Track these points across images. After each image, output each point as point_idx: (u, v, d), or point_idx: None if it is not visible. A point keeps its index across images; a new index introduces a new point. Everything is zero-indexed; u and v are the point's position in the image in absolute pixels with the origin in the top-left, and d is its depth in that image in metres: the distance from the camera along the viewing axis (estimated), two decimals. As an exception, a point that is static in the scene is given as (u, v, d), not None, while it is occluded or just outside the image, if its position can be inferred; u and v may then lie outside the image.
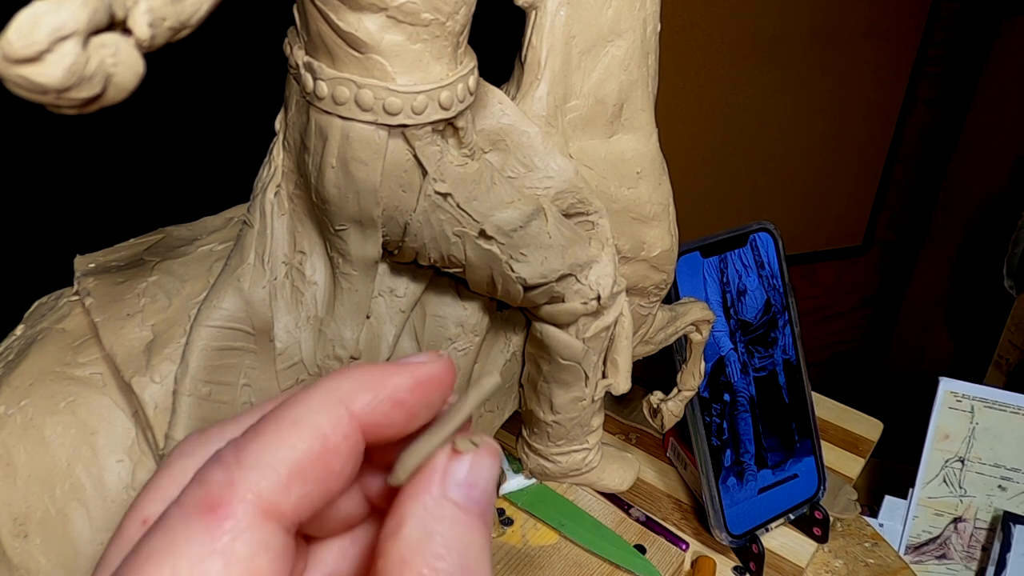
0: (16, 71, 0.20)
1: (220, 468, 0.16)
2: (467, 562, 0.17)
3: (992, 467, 0.86)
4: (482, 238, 0.39)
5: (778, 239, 0.68)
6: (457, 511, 0.18)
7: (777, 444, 0.69)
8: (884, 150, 1.42)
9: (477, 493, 0.18)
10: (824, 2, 1.24)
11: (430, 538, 0.17)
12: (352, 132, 0.36)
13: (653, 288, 0.51)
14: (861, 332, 1.62)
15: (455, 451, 0.18)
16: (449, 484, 0.18)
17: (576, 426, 0.48)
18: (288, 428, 0.17)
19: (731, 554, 0.68)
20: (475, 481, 0.18)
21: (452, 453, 0.18)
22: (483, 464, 0.18)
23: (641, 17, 0.44)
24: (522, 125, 0.42)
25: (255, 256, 0.41)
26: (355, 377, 0.18)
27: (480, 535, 0.18)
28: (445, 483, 0.18)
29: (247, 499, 0.16)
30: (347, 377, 0.18)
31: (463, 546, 0.17)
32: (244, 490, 0.16)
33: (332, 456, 0.17)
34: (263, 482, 0.16)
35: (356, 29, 0.33)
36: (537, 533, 0.68)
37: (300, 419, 0.17)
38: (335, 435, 0.17)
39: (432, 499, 0.18)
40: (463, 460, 0.18)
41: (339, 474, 0.17)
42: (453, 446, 0.18)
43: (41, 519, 0.38)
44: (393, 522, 0.17)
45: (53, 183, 0.72)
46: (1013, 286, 1.21)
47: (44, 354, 0.40)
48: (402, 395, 0.18)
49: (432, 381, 0.19)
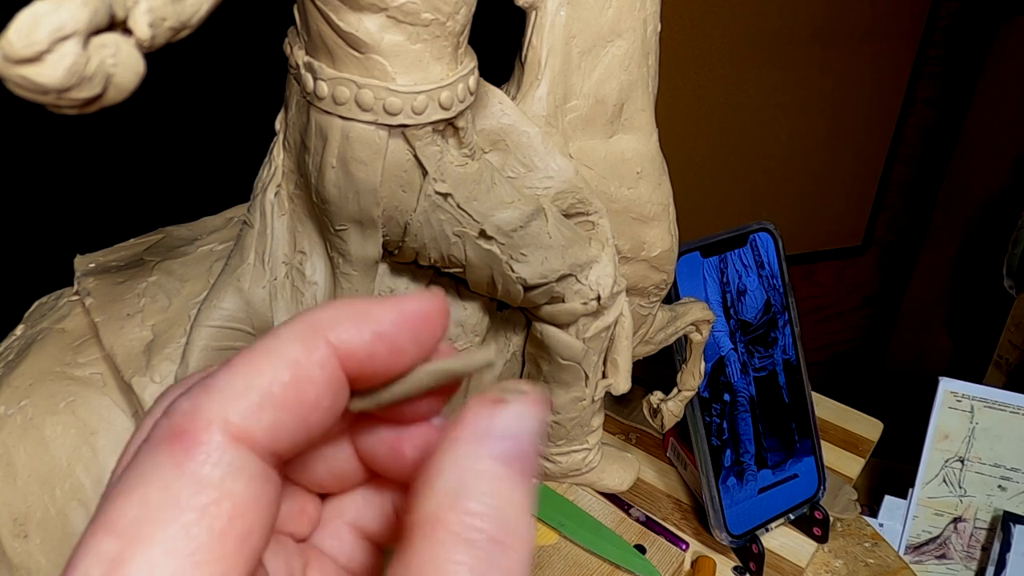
0: (16, 71, 0.20)
1: (186, 398, 0.16)
2: (506, 521, 0.16)
3: (992, 467, 0.86)
4: (482, 238, 0.39)
5: (778, 239, 0.68)
6: (497, 465, 0.16)
7: (777, 444, 0.69)
8: (884, 150, 1.42)
9: (519, 447, 0.16)
10: (824, 2, 1.24)
11: (466, 494, 0.16)
12: (352, 132, 0.36)
13: (653, 288, 0.51)
14: (861, 332, 1.62)
15: (498, 399, 0.17)
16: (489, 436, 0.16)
17: (576, 426, 0.48)
18: (259, 356, 0.16)
19: (731, 554, 0.68)
20: (518, 434, 0.16)
21: (495, 401, 0.17)
22: (527, 415, 0.17)
23: (641, 17, 0.44)
24: (522, 125, 0.42)
25: (255, 256, 0.41)
26: (335, 307, 0.17)
27: (520, 492, 0.16)
28: (485, 434, 0.16)
29: (213, 424, 0.15)
30: (327, 307, 0.17)
31: (501, 503, 0.16)
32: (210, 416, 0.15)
33: (305, 383, 0.16)
34: (230, 407, 0.15)
35: (356, 29, 0.33)
36: (537, 533, 0.68)
37: (271, 347, 0.16)
38: (309, 362, 0.16)
39: (470, 451, 0.16)
40: (506, 409, 0.17)
41: (315, 404, 0.16)
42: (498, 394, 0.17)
43: (41, 519, 0.38)
44: (427, 472, 0.16)
45: (53, 183, 0.72)
46: (1013, 286, 1.21)
47: (44, 354, 0.40)
48: (385, 327, 0.17)
49: (419, 315, 0.18)
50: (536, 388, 0.17)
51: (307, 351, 0.16)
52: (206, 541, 0.14)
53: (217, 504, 0.15)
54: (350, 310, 0.17)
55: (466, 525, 0.15)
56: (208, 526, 0.15)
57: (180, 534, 0.14)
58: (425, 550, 0.15)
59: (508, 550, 0.15)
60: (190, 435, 0.15)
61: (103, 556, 0.14)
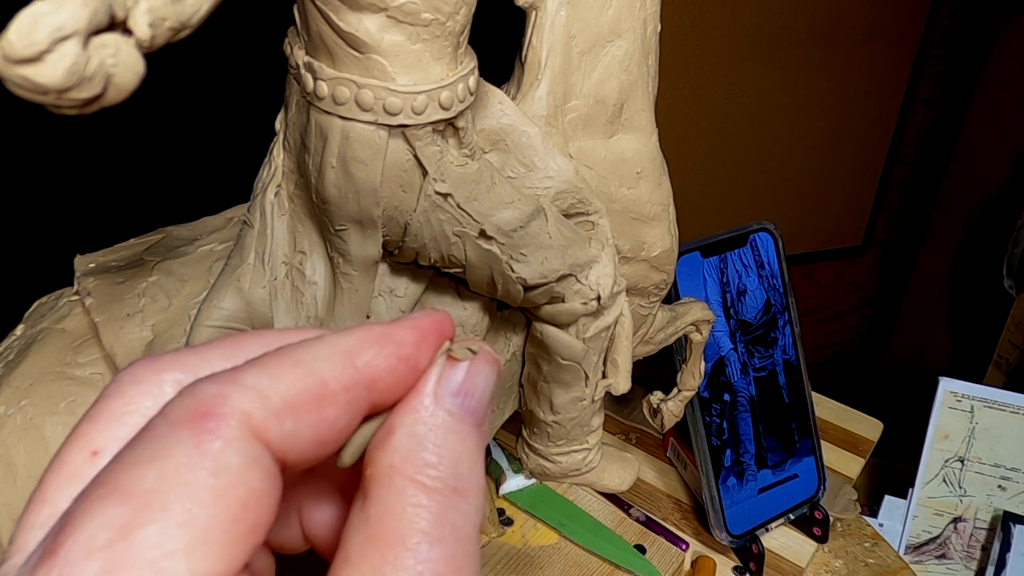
0: (16, 71, 0.20)
1: (212, 384, 0.16)
2: (459, 471, 0.16)
3: (992, 467, 0.86)
4: (482, 238, 0.39)
5: (778, 239, 0.68)
6: (451, 419, 0.17)
7: (777, 444, 0.69)
8: (884, 150, 1.42)
9: (472, 402, 0.17)
10: (824, 2, 1.24)
11: (421, 446, 0.16)
12: (352, 132, 0.36)
13: (653, 288, 0.51)
14: (861, 332, 1.62)
15: (451, 358, 0.18)
16: (443, 392, 0.17)
17: (576, 426, 0.48)
18: (290, 365, 0.16)
19: (731, 554, 0.68)
20: (470, 389, 0.18)
21: (448, 360, 0.18)
22: (480, 371, 0.18)
23: (641, 17, 0.44)
24: (522, 125, 0.42)
25: (255, 256, 0.41)
26: (359, 333, 0.18)
27: (474, 444, 0.17)
28: (439, 391, 0.17)
29: (237, 414, 0.15)
30: (351, 333, 0.17)
31: (456, 454, 0.17)
32: (236, 405, 0.15)
33: (328, 403, 0.17)
34: (255, 403, 0.15)
35: (356, 29, 0.33)
36: (537, 533, 0.68)
37: (302, 360, 0.17)
38: (335, 383, 0.17)
39: (424, 407, 0.17)
40: (459, 367, 0.18)
41: (332, 424, 0.17)
42: (450, 353, 0.18)
43: (41, 519, 0.38)
44: (383, 431, 0.17)
45: (53, 183, 0.72)
46: (1013, 286, 1.21)
47: (44, 354, 0.40)
48: (408, 350, 0.18)
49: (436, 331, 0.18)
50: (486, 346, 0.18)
51: (334, 373, 0.17)
52: (221, 522, 0.14)
53: (234, 489, 0.15)
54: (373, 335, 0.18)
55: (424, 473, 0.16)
56: (225, 507, 0.15)
57: (196, 509, 0.14)
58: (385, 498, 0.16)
59: (464, 495, 0.16)
60: (214, 418, 0.15)
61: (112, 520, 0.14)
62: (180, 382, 0.17)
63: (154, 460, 0.15)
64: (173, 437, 0.15)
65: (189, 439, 0.15)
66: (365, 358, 0.17)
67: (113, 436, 0.16)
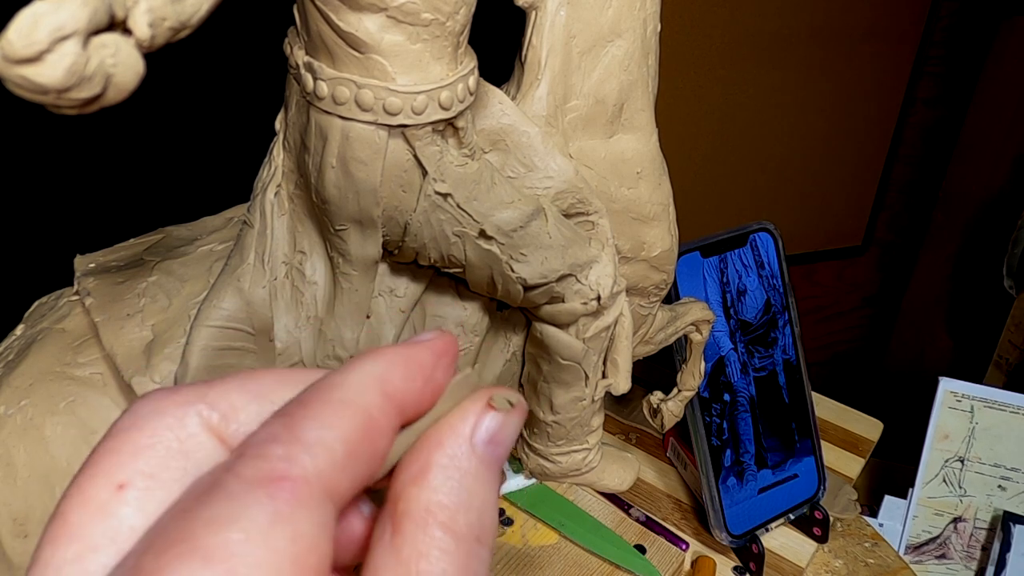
0: (16, 71, 0.20)
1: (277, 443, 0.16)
2: (483, 520, 0.17)
3: (992, 467, 0.86)
4: (482, 238, 0.39)
5: (778, 239, 0.68)
6: (481, 466, 0.18)
7: (777, 444, 0.69)
8: (884, 150, 1.42)
9: (500, 452, 0.18)
10: (824, 2, 1.24)
11: (456, 490, 0.17)
12: (352, 132, 0.36)
13: (653, 288, 0.51)
14: (861, 332, 1.62)
15: (490, 406, 0.18)
16: (478, 438, 0.18)
17: (576, 426, 0.48)
18: (338, 407, 0.17)
19: (731, 554, 0.68)
20: (501, 439, 0.18)
21: (487, 407, 0.18)
22: (511, 423, 0.18)
23: (641, 17, 0.44)
24: (522, 125, 0.42)
25: (255, 256, 0.41)
26: (386, 359, 0.18)
27: (495, 492, 0.18)
28: (475, 437, 0.18)
29: (311, 476, 0.16)
30: (375, 359, 0.18)
31: (482, 503, 0.17)
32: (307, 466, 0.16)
33: (378, 436, 0.17)
34: (323, 461, 0.16)
35: (356, 29, 0.33)
36: (537, 533, 0.68)
37: (346, 399, 0.17)
38: (380, 415, 0.17)
39: (461, 452, 0.17)
40: (495, 416, 0.18)
41: (382, 455, 0.17)
42: (489, 402, 0.18)
43: (41, 519, 0.38)
44: (416, 467, 0.17)
45: (53, 183, 0.72)
46: (1013, 286, 1.21)
47: (44, 354, 0.40)
48: (428, 371, 0.18)
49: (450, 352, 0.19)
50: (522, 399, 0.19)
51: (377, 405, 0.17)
52: None
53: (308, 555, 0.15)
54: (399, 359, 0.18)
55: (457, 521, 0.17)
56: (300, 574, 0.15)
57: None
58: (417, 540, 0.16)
59: (484, 544, 0.17)
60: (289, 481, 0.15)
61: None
62: (203, 416, 0.17)
63: (235, 522, 0.15)
64: (252, 499, 0.15)
65: (268, 504, 0.15)
66: (396, 384, 0.18)
67: (138, 470, 0.16)
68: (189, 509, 0.15)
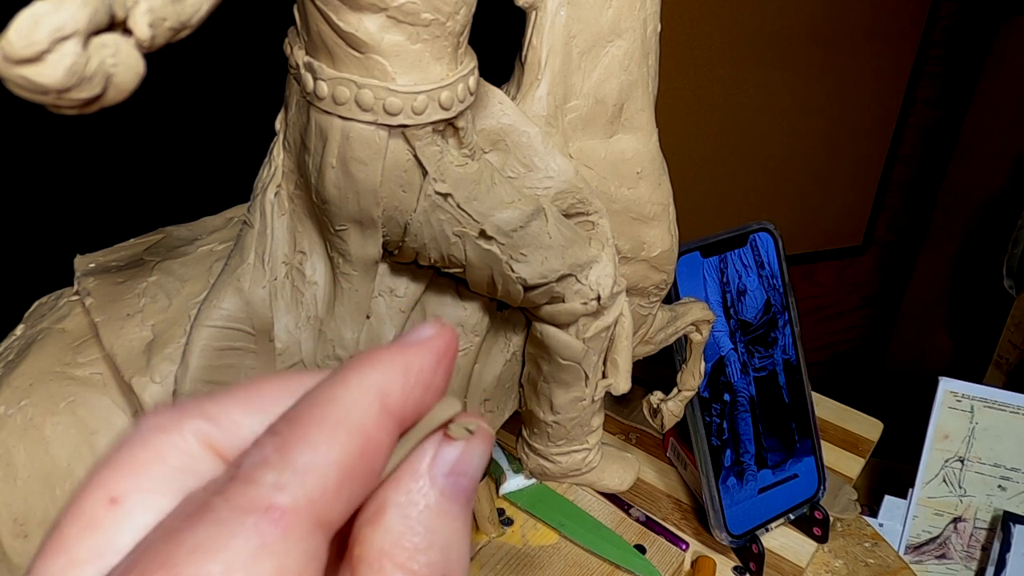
0: (17, 71, 0.20)
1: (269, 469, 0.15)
2: (449, 554, 0.16)
3: (992, 467, 0.86)
4: (482, 238, 0.39)
5: (778, 239, 0.68)
6: (443, 499, 0.17)
7: (777, 444, 0.69)
8: (884, 150, 1.42)
9: (465, 482, 0.17)
10: (824, 2, 1.24)
11: (413, 530, 0.16)
12: (352, 132, 0.36)
13: (653, 288, 0.51)
14: (861, 332, 1.62)
15: (447, 436, 0.17)
16: (437, 472, 0.17)
17: (576, 426, 0.48)
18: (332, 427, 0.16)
19: (731, 554, 0.68)
20: (464, 470, 0.17)
21: (444, 438, 0.17)
22: (475, 452, 0.18)
23: (641, 17, 0.44)
24: (522, 125, 0.42)
25: (255, 256, 0.41)
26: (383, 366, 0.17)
27: (463, 525, 0.17)
28: (433, 470, 0.17)
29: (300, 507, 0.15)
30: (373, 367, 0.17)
31: (446, 537, 0.16)
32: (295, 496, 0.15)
33: (374, 453, 0.16)
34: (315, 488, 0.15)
35: (356, 29, 0.33)
36: (537, 533, 0.68)
37: (341, 418, 0.16)
38: (376, 430, 0.16)
39: (418, 488, 0.17)
40: (454, 446, 0.17)
41: (379, 472, 0.17)
42: (446, 432, 0.18)
43: (41, 519, 0.38)
44: (373, 507, 0.17)
45: (53, 183, 0.72)
46: (1013, 286, 1.21)
47: (44, 354, 0.40)
48: (428, 376, 0.17)
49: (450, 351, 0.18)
50: (484, 424, 0.18)
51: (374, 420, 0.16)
52: None
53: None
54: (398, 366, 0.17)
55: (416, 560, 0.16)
56: None
57: None
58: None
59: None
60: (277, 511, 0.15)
61: None
62: (202, 432, 0.17)
63: (219, 552, 0.14)
64: (237, 526, 0.15)
65: (254, 534, 0.15)
66: (395, 396, 0.17)
67: (134, 485, 0.16)
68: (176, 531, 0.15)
